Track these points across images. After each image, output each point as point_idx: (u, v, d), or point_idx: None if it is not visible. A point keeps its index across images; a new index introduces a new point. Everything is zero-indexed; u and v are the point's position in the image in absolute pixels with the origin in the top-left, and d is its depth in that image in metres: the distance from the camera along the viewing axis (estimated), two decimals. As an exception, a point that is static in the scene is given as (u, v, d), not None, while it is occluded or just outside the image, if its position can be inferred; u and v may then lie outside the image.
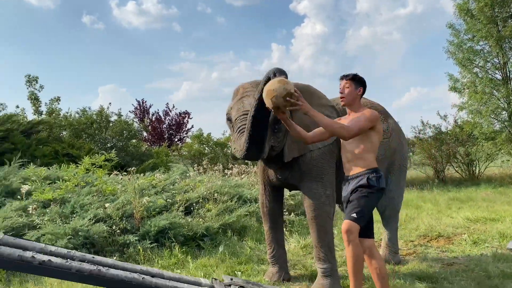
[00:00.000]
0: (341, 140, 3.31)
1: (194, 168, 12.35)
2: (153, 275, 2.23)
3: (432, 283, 4.15)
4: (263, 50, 55.27)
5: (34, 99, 17.80)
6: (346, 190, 3.20)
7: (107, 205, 5.67)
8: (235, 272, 4.63)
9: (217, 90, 51.44)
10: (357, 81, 3.27)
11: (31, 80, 17.92)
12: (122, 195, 6.21)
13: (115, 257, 4.95)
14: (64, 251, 2.12)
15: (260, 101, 3.17)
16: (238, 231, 6.34)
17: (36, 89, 18.02)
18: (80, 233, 5.18)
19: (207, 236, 5.81)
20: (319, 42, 52.73)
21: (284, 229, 6.52)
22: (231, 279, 2.69)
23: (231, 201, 6.98)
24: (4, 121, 11.27)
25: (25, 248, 2.00)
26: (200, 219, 6.14)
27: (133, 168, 7.32)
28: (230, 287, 2.49)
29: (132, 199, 5.90)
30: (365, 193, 3.01)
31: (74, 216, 5.68)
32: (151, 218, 5.83)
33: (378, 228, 5.59)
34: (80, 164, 7.50)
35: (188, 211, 6.49)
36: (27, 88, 17.96)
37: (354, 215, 2.91)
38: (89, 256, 2.18)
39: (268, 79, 3.07)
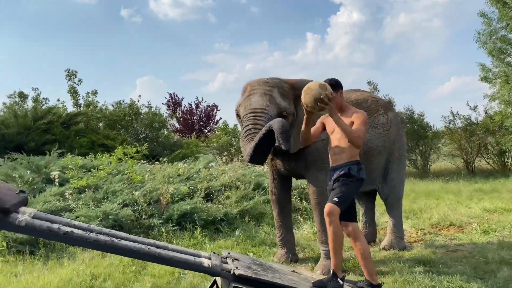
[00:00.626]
0: (329, 136, 3.56)
1: (222, 158, 12.82)
2: (158, 247, 2.64)
3: (430, 267, 4.38)
4: (297, 40, 54.90)
5: (74, 93, 18.85)
6: (331, 179, 3.48)
7: (135, 193, 6.18)
8: (247, 252, 5.02)
9: None
10: (335, 86, 3.48)
11: (70, 75, 18.98)
12: (149, 183, 6.72)
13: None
14: (85, 225, 2.55)
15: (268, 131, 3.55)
16: (256, 217, 6.73)
17: (75, 83, 19.07)
18: (110, 216, 5.73)
19: (225, 221, 6.23)
20: (356, 30, 51.80)
21: (299, 216, 6.89)
22: (228, 253, 3.06)
23: (250, 189, 7.36)
24: (46, 114, 12.14)
25: (53, 221, 2.44)
26: (220, 205, 6.56)
27: (163, 158, 7.82)
28: (226, 259, 2.86)
29: (159, 186, 6.39)
30: (346, 182, 3.30)
31: (105, 201, 6.24)
32: (175, 203, 6.31)
33: (380, 214, 5.82)
34: (113, 154, 8.10)
35: (209, 198, 6.93)
36: (67, 82, 19.01)
37: (336, 199, 3.22)
38: (105, 230, 2.60)
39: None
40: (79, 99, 18.80)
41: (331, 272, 3.26)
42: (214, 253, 2.91)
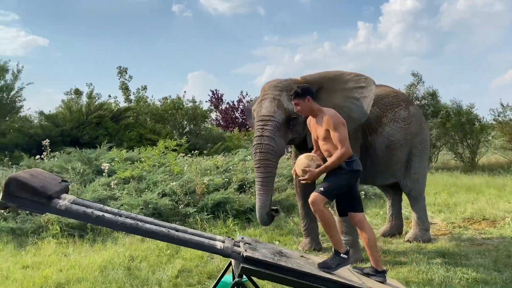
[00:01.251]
0: (318, 141, 3.62)
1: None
2: (177, 230, 2.98)
3: (449, 259, 4.45)
4: (348, 30, 53.77)
5: (125, 89, 19.88)
6: None
7: (172, 183, 6.64)
8: (274, 241, 5.31)
9: (301, 73, 50.96)
10: (301, 95, 3.47)
11: (121, 71, 20.00)
12: (186, 174, 7.17)
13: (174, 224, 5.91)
14: (116, 210, 2.95)
15: None
16: (287, 208, 6.99)
17: (126, 79, 20.09)
18: (149, 205, 6.23)
19: (254, 211, 6.54)
20: (410, 18, 49.83)
21: (330, 207, 7.05)
22: (242, 238, 3.35)
23: (283, 182, 7.62)
24: (97, 109, 13.03)
25: (88, 207, 2.85)
26: (252, 196, 6.88)
27: (205, 151, 8.25)
28: (238, 243, 3.16)
29: (194, 178, 6.83)
30: (335, 173, 3.38)
31: (147, 191, 6.76)
32: (210, 194, 6.71)
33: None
34: (156, 147, 8.66)
35: (242, 190, 7.27)
36: (119, 79, 20.07)
37: (321, 189, 3.31)
38: (133, 215, 2.98)
39: None
40: (130, 95, 19.80)
41: (333, 251, 3.41)
42: (228, 237, 3.22)
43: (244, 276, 3.18)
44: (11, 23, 38.14)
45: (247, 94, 25.42)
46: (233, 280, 3.04)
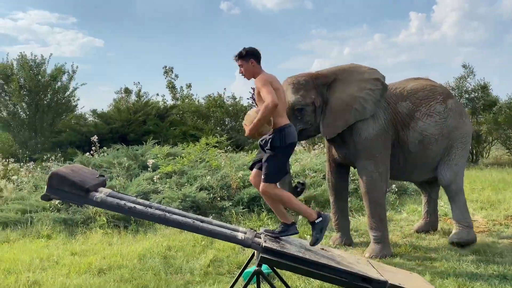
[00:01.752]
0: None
1: (304, 147, 13.20)
2: (202, 221, 3.19)
3: (482, 256, 4.37)
4: (399, 20, 51.80)
5: (171, 87, 20.59)
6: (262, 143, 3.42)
7: (208, 177, 6.92)
8: (305, 235, 5.42)
9: None
10: (245, 56, 3.41)
11: (167, 71, 20.73)
12: (223, 170, 7.42)
13: (211, 217, 6.18)
14: (147, 202, 3.21)
15: None
16: (322, 203, 7.05)
17: (172, 78, 20.80)
18: (188, 198, 6.53)
19: (290, 206, 6.67)
20: (466, 6, 47.25)
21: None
22: (265, 230, 3.50)
23: (319, 177, 7.68)
24: (143, 107, 13.65)
25: (121, 199, 3.12)
26: (287, 191, 7.01)
27: (246, 147, 8.47)
28: (260, 235, 3.31)
29: (229, 173, 7.07)
30: (271, 155, 3.26)
31: (187, 185, 7.08)
32: (245, 188, 6.92)
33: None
34: (198, 144, 9.00)
35: (278, 184, 7.41)
36: (165, 78, 20.79)
37: (264, 177, 3.26)
38: (162, 207, 3.22)
39: None
40: (176, 93, 20.49)
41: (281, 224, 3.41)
42: (251, 229, 3.39)
43: (268, 268, 3.38)
44: (70, 26, 40.45)
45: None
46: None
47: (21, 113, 13.75)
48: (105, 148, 9.56)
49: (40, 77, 13.37)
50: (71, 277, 4.19)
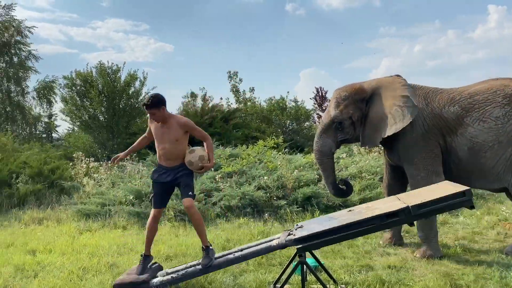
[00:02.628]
0: (160, 137, 4.07)
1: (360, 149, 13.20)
2: (242, 250, 3.76)
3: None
4: (476, 15, 48.60)
5: (235, 91, 21.40)
6: (168, 176, 4.09)
7: (265, 178, 7.35)
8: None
9: (420, 64, 47.44)
10: (155, 105, 3.91)
11: (232, 75, 21.58)
12: (279, 170, 7.82)
13: (267, 214, 6.62)
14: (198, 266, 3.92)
15: None
16: (376, 204, 7.18)
17: (236, 82, 21.60)
18: (246, 196, 7.01)
19: (343, 206, 6.90)
20: (552, -4, 43.24)
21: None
22: (297, 225, 3.81)
23: (375, 180, 7.81)
24: (209, 111, 14.45)
25: (169, 273, 3.71)
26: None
27: (304, 148, 8.82)
28: (292, 231, 3.63)
29: (285, 173, 7.45)
30: (188, 174, 4.08)
31: (245, 184, 7.56)
32: (300, 188, 7.26)
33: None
34: (256, 146, 9.48)
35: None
36: (229, 82, 21.65)
37: (191, 193, 4.00)
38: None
39: None
40: (240, 96, 21.26)
41: (203, 248, 3.94)
42: (285, 231, 3.77)
43: (315, 262, 3.74)
44: (143, 32, 43.22)
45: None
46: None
47: (100, 116, 15.16)
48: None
49: (116, 83, 14.68)
50: (143, 261, 4.80)
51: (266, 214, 6.75)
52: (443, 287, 3.76)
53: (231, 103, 20.20)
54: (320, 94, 24.77)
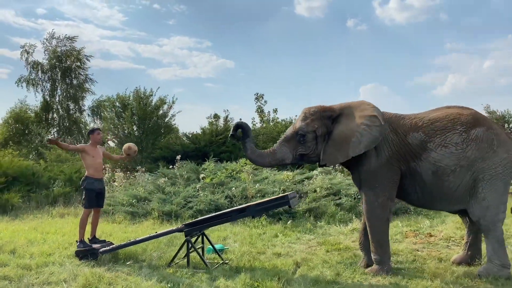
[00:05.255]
0: (93, 157, 6.31)
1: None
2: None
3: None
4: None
5: (260, 112, 23.43)
6: (101, 187, 6.39)
7: (233, 188, 9.22)
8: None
9: (491, 81, 43.83)
10: (92, 132, 6.50)
11: (258, 97, 23.67)
12: (244, 183, 9.63)
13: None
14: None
15: None
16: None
17: (261, 104, 23.64)
18: (212, 203, 8.92)
19: (288, 214, 8.55)
20: None
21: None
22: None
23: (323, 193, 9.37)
24: (224, 131, 16.52)
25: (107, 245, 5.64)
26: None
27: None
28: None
29: (248, 185, 9.28)
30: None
31: (217, 193, 9.43)
32: (259, 197, 8.99)
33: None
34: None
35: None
36: (255, 104, 23.71)
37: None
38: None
39: None
40: (264, 117, 23.24)
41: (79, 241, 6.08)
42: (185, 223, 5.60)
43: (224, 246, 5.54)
44: (205, 49, 44.62)
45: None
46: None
47: (135, 133, 17.73)
48: (187, 162, 12.23)
49: (147, 106, 17.21)
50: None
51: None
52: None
53: (256, 123, 22.23)
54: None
